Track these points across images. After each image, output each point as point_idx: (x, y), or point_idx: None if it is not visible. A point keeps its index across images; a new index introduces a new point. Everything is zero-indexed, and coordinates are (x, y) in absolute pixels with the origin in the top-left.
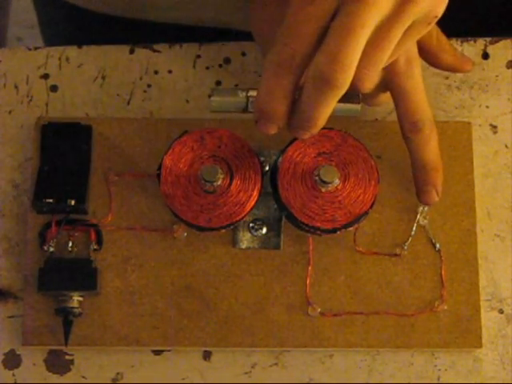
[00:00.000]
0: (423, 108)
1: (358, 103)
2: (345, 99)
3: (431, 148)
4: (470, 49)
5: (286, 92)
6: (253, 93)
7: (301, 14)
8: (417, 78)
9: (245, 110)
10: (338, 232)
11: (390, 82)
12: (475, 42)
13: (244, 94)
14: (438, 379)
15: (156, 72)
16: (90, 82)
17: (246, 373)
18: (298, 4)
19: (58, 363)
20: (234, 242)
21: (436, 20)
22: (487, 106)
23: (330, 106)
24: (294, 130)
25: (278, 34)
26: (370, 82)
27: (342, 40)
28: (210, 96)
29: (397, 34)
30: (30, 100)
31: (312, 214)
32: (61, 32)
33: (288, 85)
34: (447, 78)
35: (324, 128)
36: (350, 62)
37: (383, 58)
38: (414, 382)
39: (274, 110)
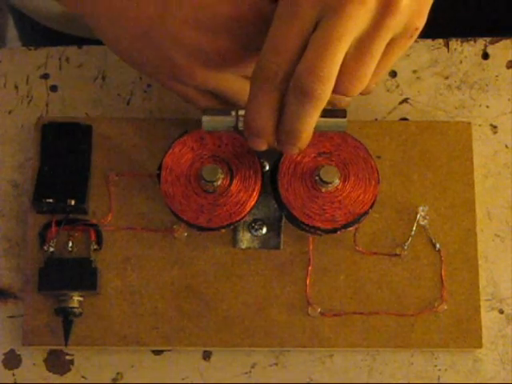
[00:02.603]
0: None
1: (345, 117)
2: (331, 114)
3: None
4: (470, 49)
5: (271, 108)
6: (242, 112)
7: (282, 31)
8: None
9: (235, 128)
10: (338, 232)
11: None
12: (475, 41)
13: (234, 113)
14: (438, 379)
15: None
16: (90, 82)
17: (246, 373)
18: (280, 21)
19: (58, 363)
20: (234, 242)
21: (418, 32)
22: (487, 106)
23: (312, 117)
24: (282, 145)
25: (261, 51)
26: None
27: (319, 53)
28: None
29: (378, 48)
30: (30, 100)
31: (312, 214)
32: None
33: (273, 100)
34: (447, 77)
35: None
36: (327, 73)
37: (367, 73)
38: (413, 382)
39: (261, 125)
